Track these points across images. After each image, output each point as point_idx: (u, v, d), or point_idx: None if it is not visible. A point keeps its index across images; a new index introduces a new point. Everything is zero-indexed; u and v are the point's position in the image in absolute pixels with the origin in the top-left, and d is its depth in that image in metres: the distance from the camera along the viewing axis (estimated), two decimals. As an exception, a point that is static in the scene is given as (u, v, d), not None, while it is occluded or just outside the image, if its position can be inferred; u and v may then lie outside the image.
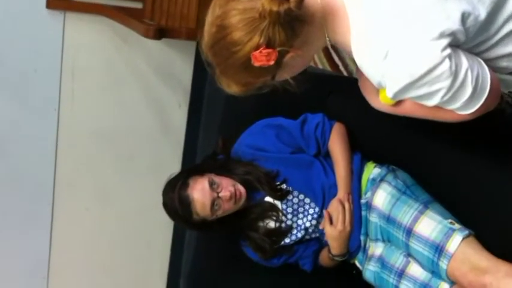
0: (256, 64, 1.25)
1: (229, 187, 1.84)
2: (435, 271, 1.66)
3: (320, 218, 1.89)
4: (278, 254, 1.97)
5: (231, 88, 1.35)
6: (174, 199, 1.84)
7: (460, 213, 1.65)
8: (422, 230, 1.64)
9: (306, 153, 1.94)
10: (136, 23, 2.71)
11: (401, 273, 1.75)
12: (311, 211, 1.89)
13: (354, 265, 1.94)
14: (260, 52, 1.23)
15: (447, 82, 1.21)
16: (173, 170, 1.99)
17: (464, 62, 1.22)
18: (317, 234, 1.93)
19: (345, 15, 1.29)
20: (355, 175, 1.86)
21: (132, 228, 3.40)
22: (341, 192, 1.84)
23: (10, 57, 2.86)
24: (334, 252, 1.87)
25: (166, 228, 3.38)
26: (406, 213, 1.69)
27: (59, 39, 2.93)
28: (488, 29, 1.28)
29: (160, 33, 2.63)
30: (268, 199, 1.91)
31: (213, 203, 1.82)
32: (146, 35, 2.63)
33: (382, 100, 1.39)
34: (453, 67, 1.20)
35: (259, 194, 1.91)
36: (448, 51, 1.20)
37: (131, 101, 3.19)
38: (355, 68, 1.53)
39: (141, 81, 3.17)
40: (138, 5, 2.93)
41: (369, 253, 1.85)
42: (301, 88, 1.33)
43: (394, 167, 1.85)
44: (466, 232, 1.59)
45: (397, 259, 1.75)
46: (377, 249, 1.82)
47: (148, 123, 3.26)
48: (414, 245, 1.66)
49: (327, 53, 2.66)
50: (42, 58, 2.92)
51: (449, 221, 1.62)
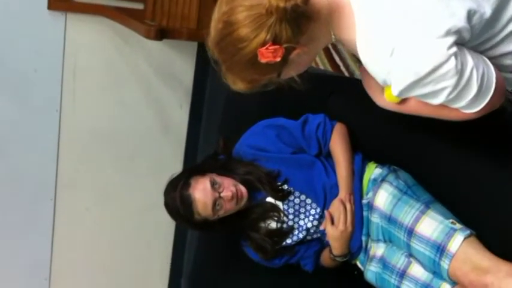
0: (262, 60, 1.24)
1: (230, 187, 1.84)
2: (436, 271, 1.65)
3: (321, 219, 1.88)
4: (279, 255, 1.96)
5: (237, 85, 1.35)
6: (176, 199, 1.84)
7: (461, 213, 1.65)
8: (423, 230, 1.64)
9: (307, 153, 1.94)
10: (137, 24, 2.71)
11: (402, 273, 1.74)
12: (312, 211, 1.89)
13: (356, 266, 1.93)
14: (267, 48, 1.23)
15: (453, 80, 1.21)
16: (174, 170, 1.99)
17: (469, 61, 1.22)
18: (318, 234, 1.93)
19: (351, 12, 1.28)
20: (356, 175, 1.86)
21: (134, 228, 3.40)
22: (342, 192, 1.84)
23: (12, 58, 2.86)
24: (335, 252, 1.87)
25: (167, 228, 3.38)
26: (408, 213, 1.68)
27: (60, 40, 2.93)
28: (493, 27, 1.28)
29: (161, 33, 2.63)
30: (269, 199, 1.91)
31: (215, 203, 1.82)
32: (147, 36, 2.63)
33: (387, 98, 1.39)
34: (459, 65, 1.20)
35: (260, 195, 1.91)
36: (454, 49, 1.20)
37: (132, 102, 3.19)
38: (358, 66, 1.53)
39: (142, 81, 3.17)
40: (139, 6, 2.93)
41: (370, 254, 1.84)
42: (306, 85, 1.33)
43: (396, 167, 1.84)
44: (468, 232, 1.58)
45: (399, 259, 1.75)
46: (378, 249, 1.82)
47: (149, 123, 3.26)
48: (415, 245, 1.66)
49: (328, 54, 2.66)
50: (43, 59, 2.92)
51: (450, 221, 1.62)
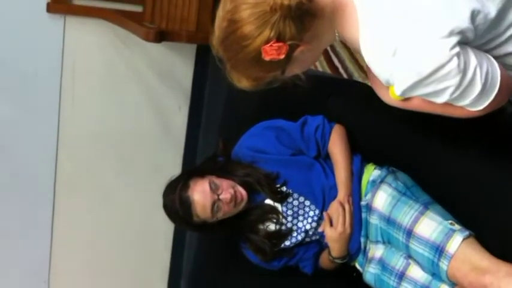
0: (266, 58, 1.25)
1: (229, 189, 1.84)
2: (435, 272, 1.65)
3: (320, 220, 1.88)
4: (278, 257, 1.96)
5: (241, 83, 1.35)
6: (175, 200, 1.84)
7: (460, 214, 1.65)
8: (422, 231, 1.64)
9: (306, 155, 1.94)
10: (136, 26, 2.71)
11: (401, 275, 1.74)
12: (311, 213, 1.89)
13: (354, 267, 1.93)
14: (270, 46, 1.23)
15: (455, 80, 1.21)
16: (173, 172, 1.98)
17: (472, 59, 1.22)
18: (317, 236, 1.92)
19: (354, 11, 1.28)
20: (355, 177, 1.86)
21: (133, 230, 3.40)
22: (341, 194, 1.84)
23: (11, 60, 2.87)
24: (334, 254, 1.86)
25: (166, 230, 3.39)
26: (406, 214, 1.68)
27: (60, 42, 2.94)
28: (497, 27, 1.28)
29: (160, 36, 2.63)
30: (268, 201, 1.91)
31: (214, 205, 1.82)
32: (146, 38, 2.63)
33: (391, 95, 1.38)
34: (461, 65, 1.20)
35: (259, 197, 1.91)
36: (457, 49, 1.20)
37: (131, 104, 3.19)
38: (365, 66, 1.53)
39: (142, 84, 3.18)
40: (138, 8, 2.94)
41: (369, 255, 1.84)
42: (309, 84, 1.33)
43: (394, 169, 1.84)
44: (467, 233, 1.58)
45: (398, 261, 1.75)
46: (377, 251, 1.81)
47: (148, 125, 3.26)
48: (414, 246, 1.66)
49: (327, 56, 2.66)
50: (42, 61, 2.93)
51: (449, 222, 1.62)
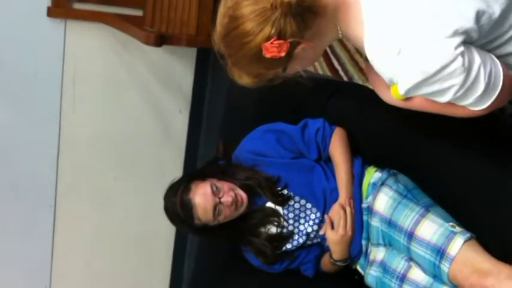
0: (267, 55, 1.25)
1: (230, 192, 1.84)
2: (437, 275, 1.65)
3: (321, 223, 1.88)
4: (279, 260, 1.96)
5: (243, 79, 1.35)
6: (176, 203, 1.85)
7: (462, 216, 1.64)
8: (423, 234, 1.63)
9: (307, 158, 1.94)
10: (137, 30, 2.72)
11: (403, 277, 1.73)
12: (312, 216, 1.89)
13: (356, 270, 1.93)
14: (271, 43, 1.23)
15: (460, 79, 1.21)
16: (174, 176, 1.98)
17: (477, 59, 1.22)
18: (318, 239, 1.92)
19: (359, 9, 1.28)
20: (356, 179, 1.86)
21: (134, 234, 3.40)
22: (342, 196, 1.84)
23: (12, 65, 2.88)
24: (335, 257, 1.86)
25: (168, 234, 3.39)
26: (408, 216, 1.68)
27: (60, 46, 2.95)
28: (501, 26, 1.28)
29: (160, 40, 2.64)
30: (269, 204, 1.91)
31: (215, 208, 1.82)
32: (147, 42, 2.64)
33: (393, 95, 1.38)
34: (466, 64, 1.20)
35: (260, 200, 1.91)
36: (461, 48, 1.20)
37: (132, 107, 3.20)
38: (364, 61, 1.53)
39: (142, 87, 3.18)
40: (139, 12, 2.95)
41: (371, 258, 1.84)
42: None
43: (395, 171, 1.84)
44: (468, 235, 1.58)
45: (399, 263, 1.74)
46: (378, 253, 1.81)
47: (149, 129, 3.27)
48: (415, 249, 1.65)
49: (327, 58, 2.66)
50: (43, 65, 2.94)
51: (450, 224, 1.62)
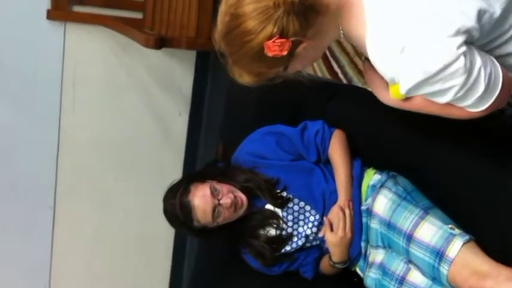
0: (269, 54, 1.25)
1: (230, 194, 1.84)
2: (436, 277, 1.65)
3: (321, 225, 1.88)
4: (279, 262, 1.96)
5: (243, 78, 1.35)
6: (175, 205, 1.85)
7: (461, 217, 1.64)
8: (422, 236, 1.63)
9: (306, 160, 1.94)
10: (136, 33, 2.72)
11: (402, 280, 1.73)
12: (311, 218, 1.89)
13: (355, 272, 1.93)
14: (273, 42, 1.23)
15: (461, 79, 1.21)
16: (174, 178, 1.99)
17: (477, 59, 1.23)
18: (318, 241, 1.92)
19: (361, 8, 1.28)
20: (355, 181, 1.86)
21: (134, 235, 3.40)
22: (341, 198, 1.84)
23: (11, 67, 2.88)
24: (335, 259, 1.86)
25: (167, 235, 3.39)
26: (407, 219, 1.68)
27: (60, 49, 2.95)
28: (501, 26, 1.29)
29: (160, 42, 2.64)
30: (268, 207, 1.91)
31: (214, 210, 1.82)
32: (146, 45, 2.64)
33: (392, 95, 1.38)
34: (467, 64, 1.21)
35: (260, 202, 1.91)
36: (464, 48, 1.20)
37: (132, 110, 3.20)
38: (363, 62, 1.53)
39: (142, 90, 3.19)
40: (138, 15, 2.95)
41: (370, 260, 1.84)
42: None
43: (394, 173, 1.84)
44: (467, 237, 1.58)
45: (398, 266, 1.74)
46: (378, 256, 1.81)
47: (149, 131, 3.27)
48: (415, 251, 1.65)
49: (327, 61, 2.67)
50: (43, 68, 2.94)
51: (449, 226, 1.62)
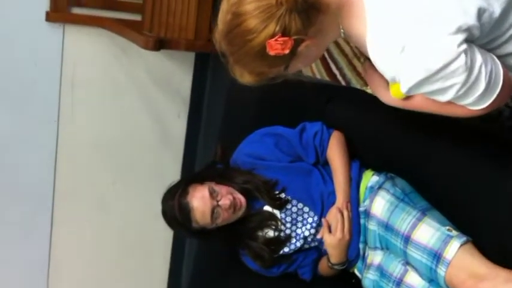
0: (271, 53, 1.24)
1: (228, 195, 1.85)
2: (433, 279, 1.65)
3: (319, 227, 1.88)
4: (277, 263, 1.96)
5: (244, 78, 1.35)
6: (174, 207, 1.85)
7: (459, 219, 1.64)
8: (420, 237, 1.63)
9: (305, 161, 1.95)
10: (135, 35, 2.73)
11: (399, 282, 1.73)
12: (310, 220, 1.89)
13: (353, 274, 1.93)
14: (276, 40, 1.22)
15: (462, 77, 1.22)
16: (172, 179, 1.99)
17: (478, 57, 1.23)
18: (316, 243, 1.92)
19: (362, 7, 1.28)
20: (353, 183, 1.86)
21: (132, 237, 3.40)
22: (340, 200, 1.84)
23: (10, 69, 2.88)
24: (333, 260, 1.87)
25: (166, 237, 3.39)
26: (404, 220, 1.68)
27: (59, 51, 2.95)
28: (500, 26, 1.29)
29: (159, 44, 2.65)
30: (267, 208, 1.91)
31: (213, 211, 1.83)
32: (145, 47, 2.65)
33: (392, 94, 1.38)
34: (468, 62, 1.21)
35: (258, 203, 1.92)
36: (464, 46, 1.20)
37: (131, 112, 3.20)
38: (362, 63, 1.53)
39: (141, 91, 3.19)
40: (137, 17, 2.96)
41: (368, 261, 1.84)
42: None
43: (392, 175, 1.84)
44: (464, 239, 1.58)
45: (395, 268, 1.75)
46: (376, 257, 1.81)
47: (147, 133, 3.27)
48: (412, 253, 1.66)
49: (325, 63, 2.67)
50: (41, 70, 2.94)
51: (447, 228, 1.61)
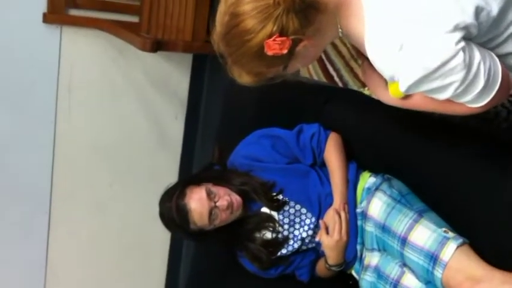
0: (269, 53, 1.24)
1: (226, 196, 1.85)
2: (430, 281, 1.65)
3: (316, 228, 1.89)
4: (275, 265, 1.96)
5: (243, 78, 1.35)
6: (171, 208, 1.85)
7: (456, 220, 1.65)
8: (416, 239, 1.63)
9: (302, 163, 1.95)
10: (132, 36, 2.73)
11: (396, 283, 1.73)
12: (307, 221, 1.90)
13: (351, 275, 1.93)
14: (274, 40, 1.23)
15: (460, 75, 1.22)
16: (170, 181, 1.99)
17: (476, 54, 1.23)
18: (313, 244, 1.93)
19: (360, 6, 1.28)
20: (350, 184, 1.87)
21: (130, 239, 3.40)
22: (337, 201, 1.85)
23: (7, 71, 2.87)
24: (330, 262, 1.87)
25: (164, 238, 3.38)
26: (401, 222, 1.68)
27: (56, 53, 2.95)
28: (498, 26, 1.29)
29: (156, 46, 2.65)
30: (264, 210, 1.91)
31: (211, 212, 1.83)
32: (143, 48, 2.65)
33: (391, 93, 1.38)
34: (467, 60, 1.21)
35: (256, 205, 1.92)
36: (462, 43, 1.21)
37: (128, 113, 3.20)
38: (360, 63, 1.53)
39: (138, 93, 3.19)
40: (135, 19, 2.96)
41: (365, 263, 1.84)
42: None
43: (389, 176, 1.85)
44: (461, 240, 1.58)
45: (392, 269, 1.75)
46: (373, 258, 1.82)
47: (145, 135, 3.27)
48: (409, 254, 1.66)
49: (322, 65, 2.67)
50: (39, 71, 2.94)
51: (443, 230, 1.61)
